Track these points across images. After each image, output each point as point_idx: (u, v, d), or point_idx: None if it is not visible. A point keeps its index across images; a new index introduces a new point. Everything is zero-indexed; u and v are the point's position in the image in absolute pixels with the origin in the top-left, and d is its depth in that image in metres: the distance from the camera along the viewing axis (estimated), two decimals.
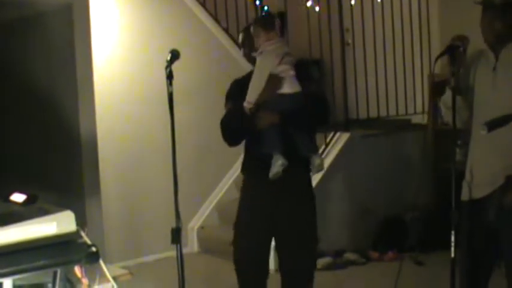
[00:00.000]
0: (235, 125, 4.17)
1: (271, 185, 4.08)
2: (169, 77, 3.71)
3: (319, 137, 6.84)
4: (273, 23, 4.18)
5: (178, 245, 3.65)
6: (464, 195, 3.75)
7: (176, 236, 3.67)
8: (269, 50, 4.08)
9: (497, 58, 3.66)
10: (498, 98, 3.59)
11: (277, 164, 4.00)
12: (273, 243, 4.34)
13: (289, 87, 4.07)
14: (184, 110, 6.19)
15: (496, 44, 3.65)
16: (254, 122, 4.03)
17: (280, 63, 4.06)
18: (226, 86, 4.33)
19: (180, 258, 3.69)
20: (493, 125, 2.35)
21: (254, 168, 4.23)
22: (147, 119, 6.83)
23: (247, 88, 4.11)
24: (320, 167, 4.24)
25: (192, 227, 7.36)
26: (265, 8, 7.69)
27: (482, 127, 2.37)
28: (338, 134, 7.07)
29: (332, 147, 6.97)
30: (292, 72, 4.09)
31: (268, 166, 4.03)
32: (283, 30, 4.21)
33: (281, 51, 4.13)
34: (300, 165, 4.18)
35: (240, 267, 4.29)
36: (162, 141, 4.61)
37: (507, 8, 3.59)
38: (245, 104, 4.04)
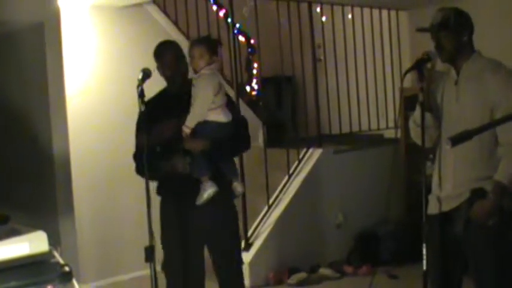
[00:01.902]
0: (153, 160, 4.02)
1: (195, 208, 4.10)
2: (141, 95, 3.73)
3: (291, 153, 6.90)
4: (217, 47, 4.22)
5: (152, 264, 3.65)
6: (433, 209, 3.79)
7: (150, 254, 3.67)
8: (208, 74, 4.09)
9: (458, 73, 3.74)
10: (461, 111, 3.67)
11: (209, 191, 4.05)
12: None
13: (224, 116, 4.13)
14: None
15: (454, 60, 3.73)
16: (186, 146, 4.04)
17: (218, 92, 4.10)
18: None
19: (154, 276, 3.69)
20: (457, 139, 2.39)
21: (175, 190, 4.19)
22: (121, 138, 6.81)
23: (162, 108, 4.11)
24: (240, 193, 4.35)
25: None
26: (238, 25, 7.73)
27: (446, 141, 2.42)
28: (311, 150, 7.10)
29: (305, 163, 6.99)
30: (225, 101, 4.16)
31: (191, 189, 4.06)
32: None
33: (217, 78, 4.18)
34: (224, 189, 4.20)
35: None
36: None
37: (448, 24, 3.67)
38: (184, 129, 4.03)
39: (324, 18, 7.54)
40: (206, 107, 4.05)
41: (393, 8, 7.99)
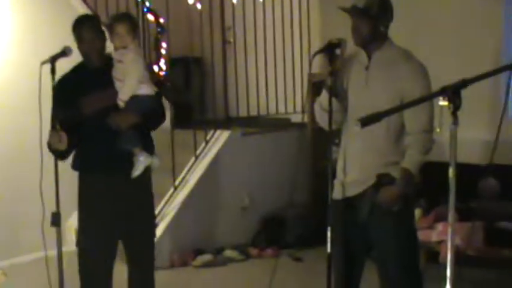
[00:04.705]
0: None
1: (122, 183, 4.10)
2: (52, 72, 3.69)
3: (199, 135, 6.88)
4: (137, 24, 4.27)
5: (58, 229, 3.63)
6: (337, 194, 3.84)
7: (56, 220, 3.66)
8: (135, 49, 4.10)
9: (369, 58, 3.78)
10: (371, 96, 3.71)
11: (145, 162, 4.09)
12: None
13: (152, 89, 4.15)
14: None
15: (367, 45, 3.77)
16: (117, 120, 3.97)
17: (145, 67, 4.16)
18: None
19: (59, 243, 3.67)
20: (366, 121, 2.42)
21: (100, 164, 4.13)
22: (26, 117, 6.64)
23: (82, 84, 4.06)
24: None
25: (71, 224, 7.20)
26: (148, 4, 7.62)
27: (355, 123, 2.45)
28: (218, 131, 7.09)
29: (212, 145, 6.99)
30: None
31: (116, 163, 4.06)
32: None
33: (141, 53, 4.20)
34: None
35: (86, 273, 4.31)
36: (42, 134, 4.45)
37: (370, 12, 3.69)
38: (119, 102, 4.00)
39: (234, 0, 7.52)
40: (139, 80, 4.03)
41: None
